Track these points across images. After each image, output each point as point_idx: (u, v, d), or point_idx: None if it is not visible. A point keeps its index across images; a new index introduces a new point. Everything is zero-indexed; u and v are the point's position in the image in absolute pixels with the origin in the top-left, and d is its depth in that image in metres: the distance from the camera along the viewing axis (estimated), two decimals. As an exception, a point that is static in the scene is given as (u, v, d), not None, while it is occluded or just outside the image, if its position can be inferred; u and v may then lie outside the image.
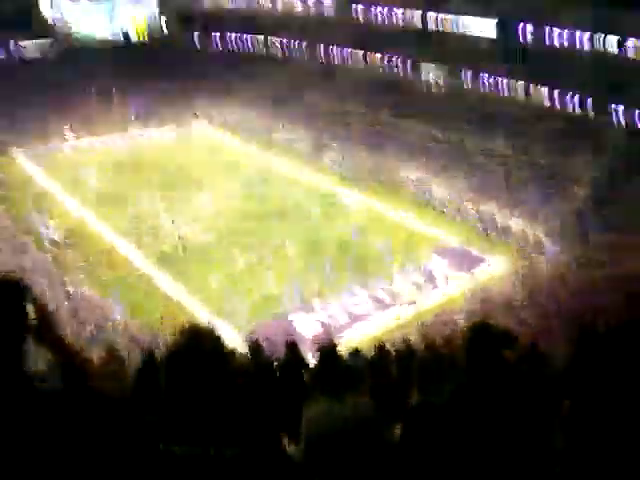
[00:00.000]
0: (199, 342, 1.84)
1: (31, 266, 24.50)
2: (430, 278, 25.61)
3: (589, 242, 25.50)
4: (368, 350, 10.45)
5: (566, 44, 34.92)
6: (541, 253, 27.19)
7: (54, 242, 28.28)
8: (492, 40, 38.70)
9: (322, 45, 49.60)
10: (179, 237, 28.55)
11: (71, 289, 23.40)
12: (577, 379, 3.85)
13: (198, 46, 55.92)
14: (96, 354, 10.07)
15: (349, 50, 48.39)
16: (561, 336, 12.20)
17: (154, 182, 35.16)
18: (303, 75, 49.72)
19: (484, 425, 2.76)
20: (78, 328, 19.74)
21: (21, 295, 1.69)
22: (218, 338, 1.91)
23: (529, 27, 36.40)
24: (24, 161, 40.04)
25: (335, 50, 49.30)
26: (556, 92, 35.97)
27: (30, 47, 49.70)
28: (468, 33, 39.90)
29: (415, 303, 23.69)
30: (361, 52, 47.49)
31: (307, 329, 21.35)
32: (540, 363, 5.35)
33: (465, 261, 27.04)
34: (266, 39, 53.70)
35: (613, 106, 32.86)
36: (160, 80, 49.48)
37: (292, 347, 7.97)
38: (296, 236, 28.81)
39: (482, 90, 39.50)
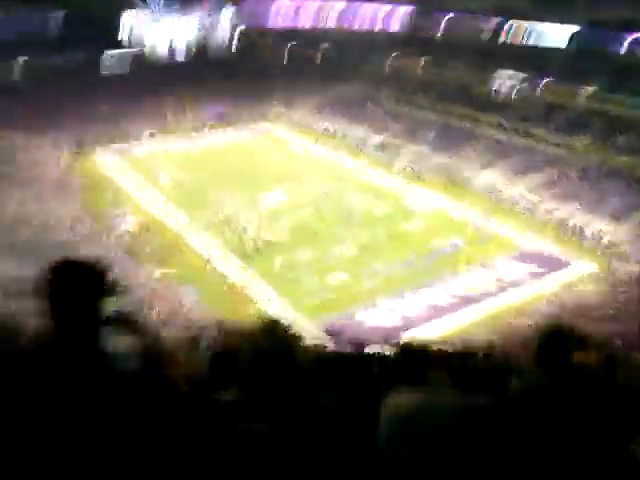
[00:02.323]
0: (276, 339, 1.90)
1: (107, 255, 25.50)
2: (510, 279, 25.11)
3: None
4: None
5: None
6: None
7: (130, 234, 29.21)
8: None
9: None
10: (251, 233, 28.96)
11: (145, 277, 24.20)
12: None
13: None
14: (170, 338, 10.45)
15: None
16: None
17: (226, 181, 35.73)
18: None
19: (546, 429, 2.68)
20: (152, 313, 20.44)
21: (101, 278, 1.74)
22: (292, 334, 1.96)
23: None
24: (104, 160, 41.48)
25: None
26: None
27: (111, 58, 51.83)
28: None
29: (492, 301, 23.31)
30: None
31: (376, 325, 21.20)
32: (616, 370, 5.10)
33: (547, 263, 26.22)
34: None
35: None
36: (234, 86, 50.38)
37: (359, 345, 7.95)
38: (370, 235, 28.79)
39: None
